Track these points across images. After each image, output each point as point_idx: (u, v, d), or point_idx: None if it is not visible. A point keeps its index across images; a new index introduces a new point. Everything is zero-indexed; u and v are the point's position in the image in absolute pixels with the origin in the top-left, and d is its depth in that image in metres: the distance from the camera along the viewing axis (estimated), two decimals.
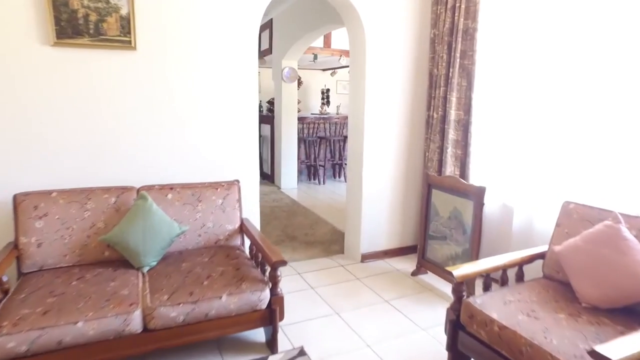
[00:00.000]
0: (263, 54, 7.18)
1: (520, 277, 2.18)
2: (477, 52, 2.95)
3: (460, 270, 1.93)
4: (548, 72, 2.62)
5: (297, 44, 5.71)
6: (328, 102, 8.86)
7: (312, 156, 7.15)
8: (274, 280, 2.18)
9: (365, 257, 3.54)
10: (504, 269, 2.11)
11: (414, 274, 3.24)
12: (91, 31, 2.41)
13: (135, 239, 2.22)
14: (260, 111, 7.97)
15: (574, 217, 2.07)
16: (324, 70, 9.86)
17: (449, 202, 2.91)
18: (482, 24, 2.94)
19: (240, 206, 2.72)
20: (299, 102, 7.76)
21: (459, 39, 3.03)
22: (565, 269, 1.93)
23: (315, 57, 6.50)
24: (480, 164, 3.08)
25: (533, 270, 2.30)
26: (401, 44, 3.37)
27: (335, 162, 7.34)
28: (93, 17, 2.40)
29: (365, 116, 3.33)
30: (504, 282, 2.15)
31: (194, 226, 2.54)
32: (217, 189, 2.64)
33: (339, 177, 7.55)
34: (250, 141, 2.98)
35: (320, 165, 7.06)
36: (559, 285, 2.02)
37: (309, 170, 7.28)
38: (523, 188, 2.79)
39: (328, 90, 8.85)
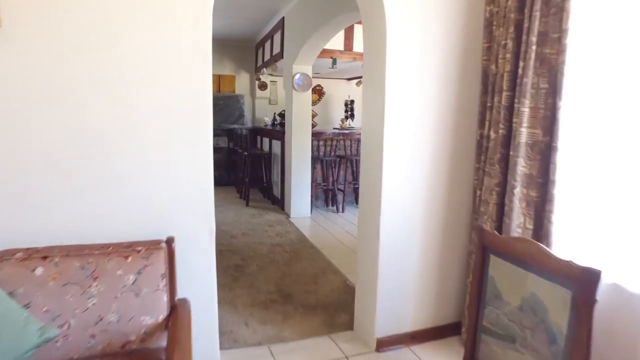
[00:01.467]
0: (274, 59, 6.21)
1: None
2: (569, 33, 1.80)
3: None
4: None
5: (310, 43, 4.68)
6: (352, 116, 7.79)
7: (330, 178, 6.06)
8: None
9: (383, 344, 2.38)
10: None
11: None
12: None
13: None
14: (274, 125, 6.98)
15: None
16: (348, 79, 8.82)
17: (521, 281, 1.74)
18: None
19: (170, 284, 1.66)
20: (314, 116, 6.74)
21: (536, 14, 1.88)
22: None
23: (334, 61, 5.46)
24: (571, 217, 1.90)
25: None
26: (437, 30, 2.26)
27: (357, 185, 6.21)
28: None
29: (384, 135, 2.23)
30: None
31: (81, 322, 1.50)
32: (127, 257, 1.59)
33: None
34: (200, 171, 1.94)
35: (339, 189, 5.96)
36: None
37: (326, 195, 6.19)
38: None
39: (352, 101, 7.79)
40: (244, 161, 6.35)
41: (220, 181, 7.75)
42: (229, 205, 6.11)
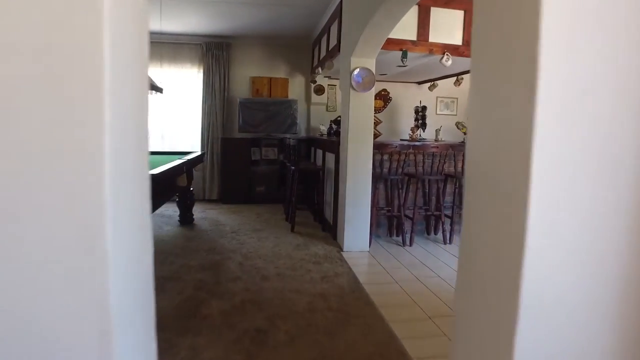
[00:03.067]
0: (330, 55, 5.13)
1: None
2: None
3: None
4: None
5: (371, 27, 3.54)
6: (424, 125, 6.49)
7: (396, 202, 4.83)
8: None
9: None
10: None
11: None
12: None
13: None
14: (330, 134, 5.88)
15: None
16: (419, 83, 7.53)
17: None
18: None
19: None
20: (378, 124, 5.54)
21: None
22: None
23: (405, 54, 4.26)
24: None
25: None
26: None
27: (430, 212, 4.91)
28: None
29: (531, 171, 0.99)
30: None
31: None
32: None
33: (435, 233, 5.08)
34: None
35: (407, 216, 4.70)
36: None
37: (390, 223, 4.95)
38: None
39: (424, 108, 6.49)
40: (292, 177, 5.31)
41: (267, 198, 6.79)
42: (271, 230, 5.08)
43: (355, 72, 4.01)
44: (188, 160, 4.29)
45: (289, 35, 6.60)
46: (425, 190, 4.98)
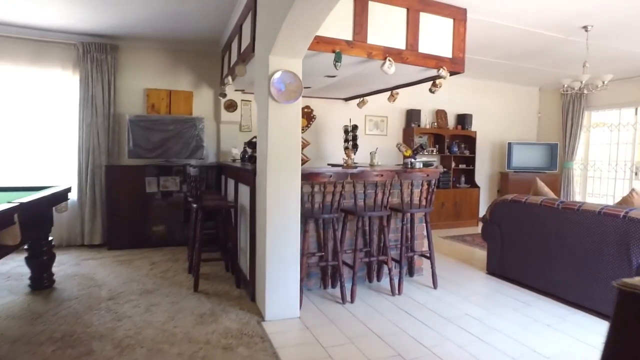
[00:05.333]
0: (242, 57, 4.04)
1: None
2: None
3: None
4: None
5: (295, 12, 2.52)
6: (355, 147, 5.63)
7: (329, 246, 3.81)
8: None
9: None
10: None
11: None
12: None
13: None
14: (244, 159, 4.73)
15: None
16: (346, 99, 6.72)
17: None
18: None
19: None
20: (304, 146, 4.54)
21: None
22: None
23: (339, 57, 3.32)
24: None
25: None
26: None
27: (372, 256, 3.96)
28: None
29: None
30: None
31: None
32: None
33: (378, 279, 4.14)
34: None
35: (345, 264, 3.70)
36: None
37: (324, 272, 3.90)
38: None
39: (355, 127, 5.65)
40: (195, 218, 4.06)
41: (168, 240, 5.41)
42: (167, 289, 3.75)
43: (276, 76, 2.96)
44: (26, 203, 2.86)
45: (194, 38, 5.40)
46: (366, 228, 4.03)
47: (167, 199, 5.47)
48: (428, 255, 3.98)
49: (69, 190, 3.83)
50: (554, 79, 7.36)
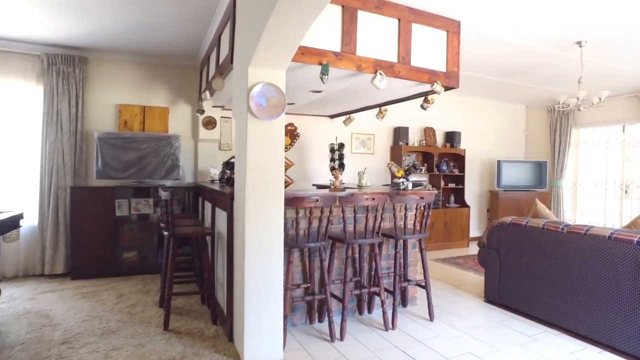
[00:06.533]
0: (220, 70, 3.73)
1: None
2: None
3: None
4: None
5: (277, 17, 2.22)
6: (342, 166, 5.32)
7: (315, 276, 3.47)
8: None
9: None
10: None
11: None
12: None
13: None
14: (223, 180, 4.37)
15: None
16: (332, 117, 6.45)
17: None
18: None
19: None
20: (288, 167, 4.22)
21: None
22: None
23: (325, 69, 3.03)
24: None
25: None
26: None
27: (363, 287, 3.61)
28: None
29: None
30: None
31: None
32: None
33: (369, 311, 3.79)
34: None
35: (333, 296, 3.34)
36: None
37: (309, 305, 3.53)
38: None
39: (341, 145, 5.35)
40: (167, 246, 3.66)
41: (140, 268, 4.98)
42: (133, 327, 3.32)
43: (256, 90, 2.64)
44: None
45: (170, 51, 5.08)
46: (355, 256, 3.69)
47: (140, 223, 5.04)
48: (424, 284, 3.65)
49: (20, 216, 3.39)
50: (541, 97, 7.27)
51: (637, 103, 6.58)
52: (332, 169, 5.04)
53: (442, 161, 7.17)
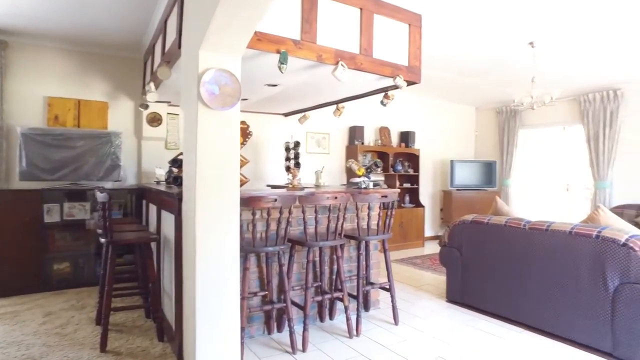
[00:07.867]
0: (167, 57, 3.37)
1: None
2: None
3: None
4: None
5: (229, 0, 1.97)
6: (297, 165, 5.09)
7: (273, 283, 3.21)
8: None
9: None
10: None
11: None
12: None
13: None
14: (169, 181, 4.00)
15: None
16: (286, 115, 6.20)
17: None
18: None
19: None
20: (243, 164, 3.93)
21: None
22: None
23: (284, 57, 2.78)
24: None
25: None
26: None
27: (325, 293, 3.39)
28: None
29: None
30: None
31: None
32: None
33: (331, 317, 3.58)
34: None
35: (294, 304, 3.09)
36: None
37: (268, 314, 3.26)
38: None
39: (297, 144, 5.12)
40: (105, 254, 3.24)
41: (74, 281, 4.47)
42: (60, 353, 2.87)
43: (207, 76, 2.34)
44: None
45: (109, 39, 4.59)
46: (316, 259, 3.47)
47: (74, 230, 4.51)
48: (388, 287, 3.49)
49: None
50: (490, 98, 7.46)
51: (576, 106, 6.91)
52: (288, 168, 4.80)
53: (397, 161, 7.14)
